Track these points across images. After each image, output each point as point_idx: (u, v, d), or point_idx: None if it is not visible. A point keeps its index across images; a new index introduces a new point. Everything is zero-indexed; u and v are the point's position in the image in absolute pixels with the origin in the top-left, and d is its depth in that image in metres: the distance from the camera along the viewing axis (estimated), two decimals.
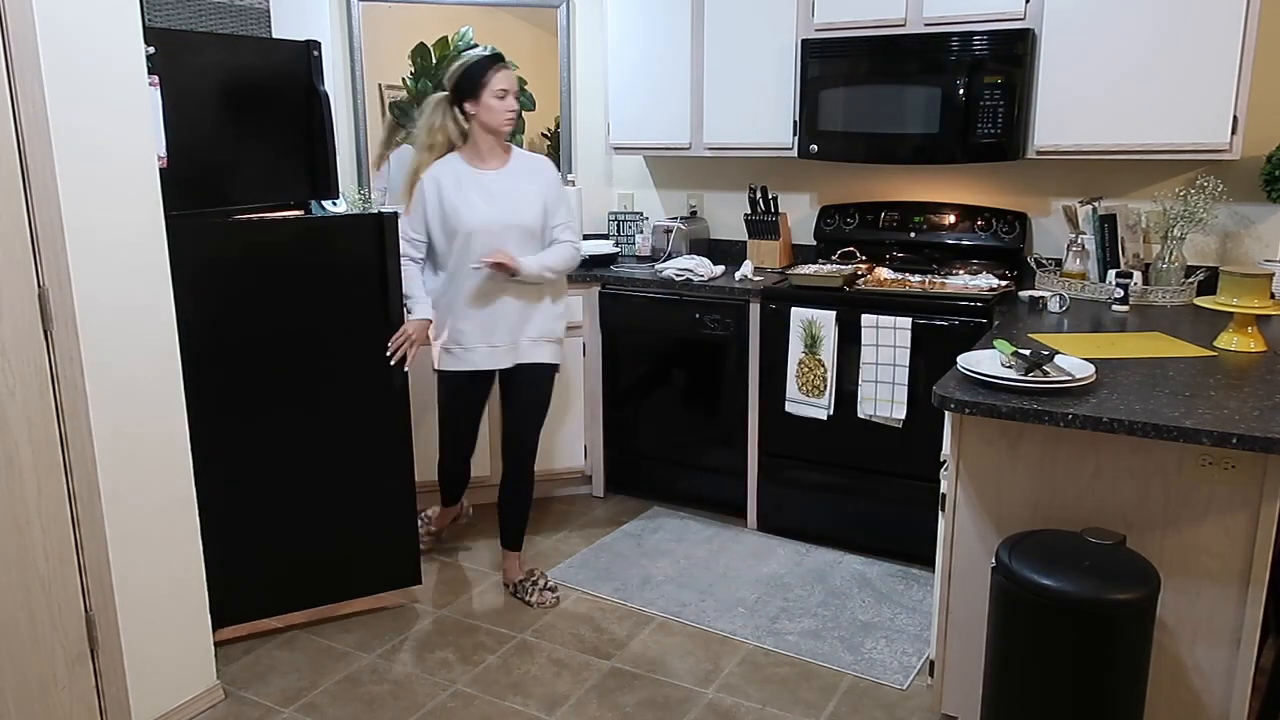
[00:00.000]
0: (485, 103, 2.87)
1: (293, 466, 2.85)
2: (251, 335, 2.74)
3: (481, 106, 2.88)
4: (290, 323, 2.78)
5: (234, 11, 3.23)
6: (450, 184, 2.92)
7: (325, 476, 2.90)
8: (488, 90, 2.87)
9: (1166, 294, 3.08)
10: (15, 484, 2.11)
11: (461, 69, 2.89)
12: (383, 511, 3.01)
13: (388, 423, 2.98)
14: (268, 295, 2.74)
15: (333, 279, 2.81)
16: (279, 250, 2.75)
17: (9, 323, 2.07)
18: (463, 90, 2.89)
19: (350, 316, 2.85)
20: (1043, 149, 3.18)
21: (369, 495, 2.97)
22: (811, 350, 3.34)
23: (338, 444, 2.90)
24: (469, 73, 2.88)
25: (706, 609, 3.08)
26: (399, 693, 2.65)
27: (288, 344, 2.79)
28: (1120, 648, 1.86)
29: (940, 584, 2.35)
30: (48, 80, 2.08)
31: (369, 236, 2.83)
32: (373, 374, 2.92)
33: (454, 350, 3.03)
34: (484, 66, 2.88)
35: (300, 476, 2.86)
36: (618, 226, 4.30)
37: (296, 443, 2.84)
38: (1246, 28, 2.83)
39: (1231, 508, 1.96)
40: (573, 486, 4.04)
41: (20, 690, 2.17)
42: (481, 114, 2.89)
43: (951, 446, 2.24)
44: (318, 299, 2.80)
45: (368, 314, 2.87)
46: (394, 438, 2.99)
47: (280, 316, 2.77)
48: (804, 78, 3.51)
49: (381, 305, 2.88)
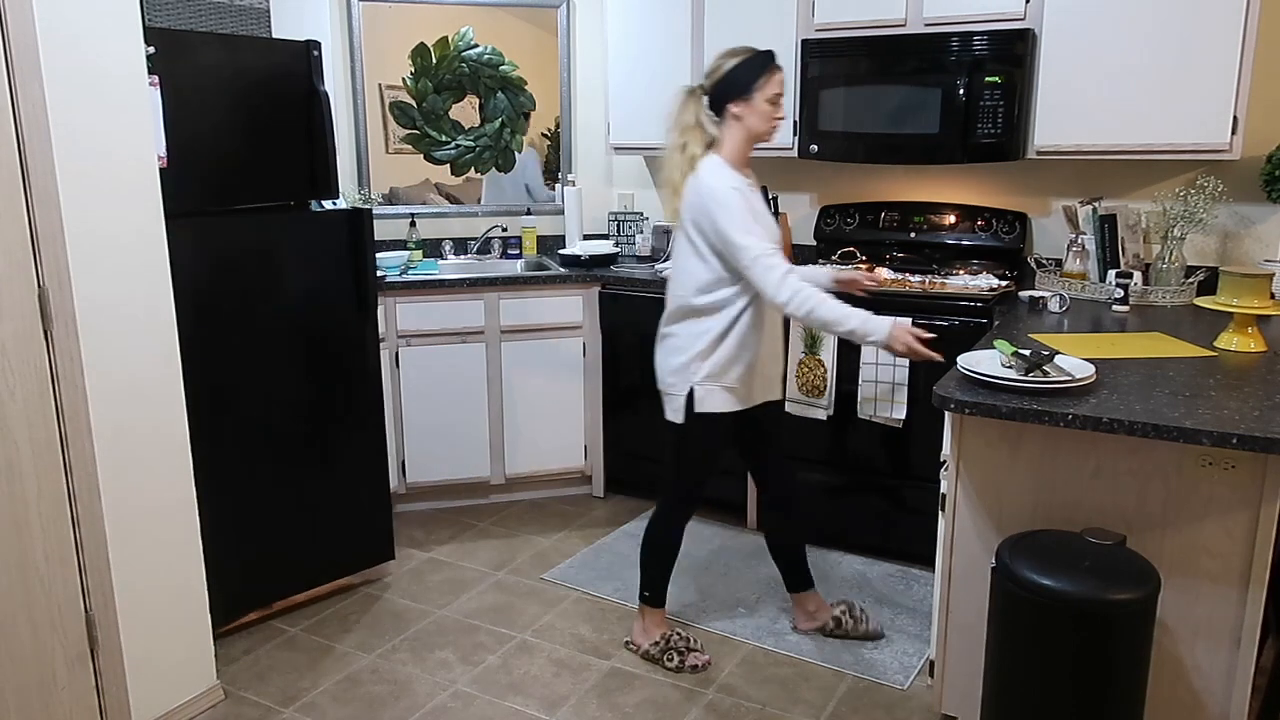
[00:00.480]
0: (758, 106, 2.49)
1: (274, 456, 2.93)
2: (239, 329, 2.80)
3: (752, 110, 2.49)
4: (277, 317, 2.88)
5: (234, 11, 3.23)
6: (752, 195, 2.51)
7: (305, 462, 3.01)
8: (762, 93, 2.49)
9: (1166, 294, 3.08)
10: (15, 484, 2.11)
11: (735, 64, 2.50)
12: (360, 491, 3.12)
13: (363, 405, 3.12)
14: (251, 290, 2.81)
15: (313, 271, 2.93)
16: (265, 245, 2.83)
17: (9, 323, 2.07)
18: (730, 88, 2.49)
19: (327, 305, 2.98)
20: (1043, 149, 3.18)
21: (347, 477, 3.09)
22: (811, 350, 3.34)
23: (316, 430, 3.01)
24: (744, 70, 2.49)
25: (706, 609, 3.08)
26: (399, 693, 2.65)
27: (272, 336, 2.88)
28: (1120, 648, 1.86)
29: (940, 584, 2.35)
30: (48, 80, 2.08)
31: (341, 231, 2.92)
32: (348, 358, 3.06)
33: (737, 390, 2.59)
34: (762, 65, 2.50)
35: (281, 464, 2.95)
36: (618, 226, 4.30)
37: (277, 432, 2.92)
38: (1246, 28, 2.83)
39: (1231, 508, 1.96)
40: (573, 486, 4.04)
41: (20, 690, 2.17)
42: (750, 118, 2.50)
43: (951, 446, 2.24)
44: (299, 290, 2.90)
45: (344, 302, 3.03)
46: (369, 420, 3.15)
47: (265, 311, 2.85)
48: (804, 78, 3.51)
49: (355, 294, 3.03)
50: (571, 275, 3.81)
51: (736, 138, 2.53)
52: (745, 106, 2.50)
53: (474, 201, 4.34)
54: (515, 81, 4.27)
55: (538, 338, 3.80)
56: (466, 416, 3.78)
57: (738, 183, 2.48)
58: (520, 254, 4.28)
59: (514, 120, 4.32)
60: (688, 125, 2.54)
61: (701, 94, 2.55)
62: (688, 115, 2.54)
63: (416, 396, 3.71)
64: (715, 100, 2.53)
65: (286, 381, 2.92)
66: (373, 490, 3.19)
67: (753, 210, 2.48)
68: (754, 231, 2.43)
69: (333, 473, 3.08)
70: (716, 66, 2.53)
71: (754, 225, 2.44)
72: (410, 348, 3.67)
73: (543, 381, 3.84)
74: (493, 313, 3.73)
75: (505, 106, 4.28)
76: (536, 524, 3.76)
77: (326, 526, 3.09)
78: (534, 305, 3.77)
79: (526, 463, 3.89)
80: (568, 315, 3.82)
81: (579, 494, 4.04)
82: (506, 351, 3.77)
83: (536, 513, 3.87)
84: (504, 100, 4.27)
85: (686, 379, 2.57)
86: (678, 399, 2.60)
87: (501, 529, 3.72)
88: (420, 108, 4.17)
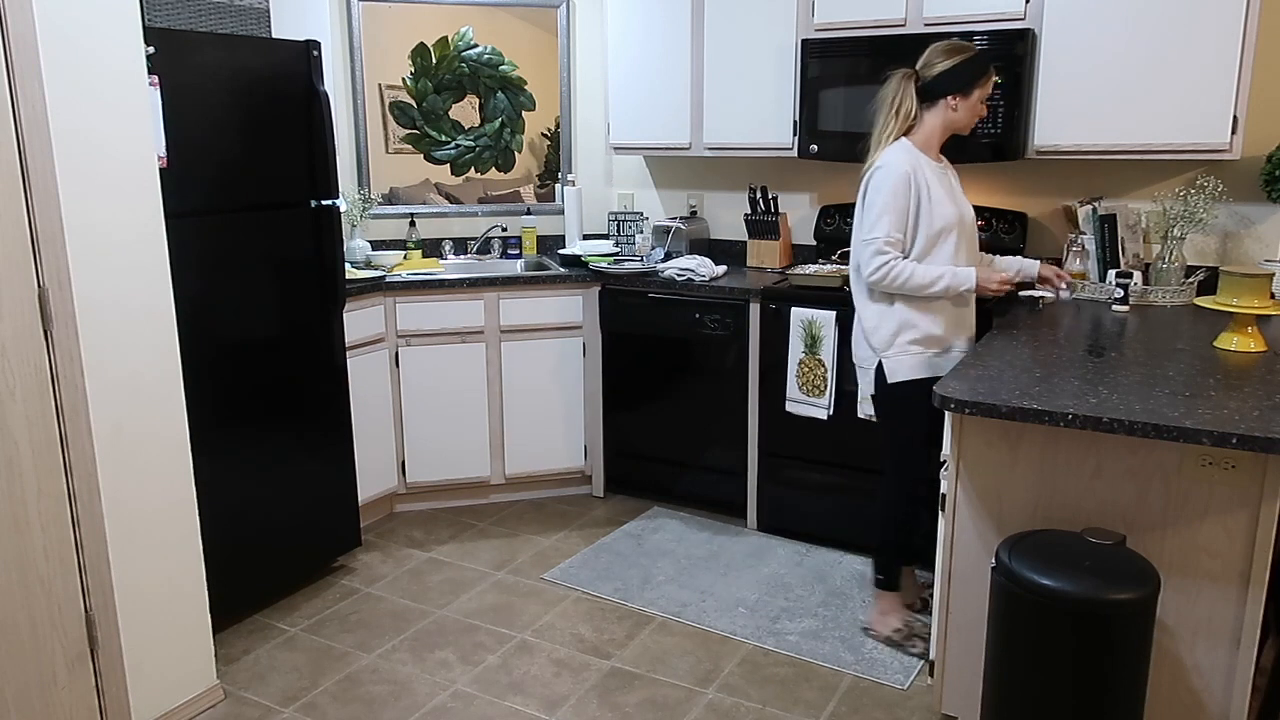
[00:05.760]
0: (973, 102, 2.64)
1: (253, 452, 2.97)
2: (225, 326, 2.84)
3: (967, 105, 2.64)
4: (260, 312, 2.92)
5: (234, 11, 3.23)
6: (934, 178, 2.64)
7: (280, 457, 3.06)
8: (980, 91, 2.64)
9: (1166, 294, 3.07)
10: (15, 484, 2.11)
11: (960, 61, 2.61)
12: (331, 480, 3.24)
13: (330, 395, 3.21)
14: (235, 289, 2.84)
15: (284, 267, 2.99)
16: (265, 245, 2.87)
17: (9, 323, 2.07)
18: (954, 81, 2.61)
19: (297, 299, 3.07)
20: (1043, 149, 3.18)
21: (319, 468, 3.19)
22: (812, 350, 3.34)
23: (290, 425, 3.07)
24: (972, 65, 2.62)
25: (706, 609, 3.08)
26: (399, 693, 2.65)
27: (251, 330, 2.92)
28: (1120, 648, 1.86)
29: (940, 584, 2.35)
30: (48, 80, 2.08)
31: (306, 228, 2.99)
32: (316, 350, 3.15)
33: (935, 356, 2.68)
34: (984, 65, 2.64)
35: (260, 460, 2.99)
36: (618, 226, 4.30)
37: (256, 427, 2.96)
38: (1246, 28, 2.83)
39: (1231, 508, 1.96)
40: (573, 486, 4.04)
41: (20, 690, 2.16)
42: (962, 111, 2.64)
43: (951, 446, 2.24)
44: (271, 287, 2.96)
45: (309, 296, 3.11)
46: (336, 411, 3.25)
47: (248, 308, 2.89)
48: (804, 78, 3.51)
49: (317, 289, 3.11)
50: (571, 275, 3.81)
51: (937, 125, 2.67)
52: (962, 100, 2.63)
53: (474, 201, 4.35)
54: (515, 81, 4.27)
55: (538, 338, 3.80)
56: (466, 416, 3.78)
57: (917, 164, 2.61)
58: (520, 254, 4.28)
59: (514, 120, 4.32)
60: (902, 111, 2.66)
61: (915, 81, 2.65)
62: (906, 102, 2.65)
63: (416, 396, 3.71)
64: (931, 90, 2.64)
65: (264, 373, 2.99)
66: (343, 478, 3.32)
67: (933, 193, 2.61)
68: (893, 223, 2.59)
69: (305, 464, 3.15)
70: (935, 60, 2.64)
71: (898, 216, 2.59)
72: (410, 348, 3.67)
73: (543, 381, 3.84)
74: (493, 313, 3.73)
75: (505, 106, 4.28)
76: (536, 524, 3.76)
77: (303, 516, 3.17)
78: (534, 305, 3.77)
79: (526, 463, 3.89)
80: (568, 315, 3.82)
81: (579, 494, 4.04)
82: (506, 351, 3.77)
83: (536, 513, 3.87)
84: (504, 100, 4.27)
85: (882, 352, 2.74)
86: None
87: (501, 529, 3.72)
88: (420, 108, 4.17)
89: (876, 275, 2.61)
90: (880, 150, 2.67)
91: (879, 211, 2.60)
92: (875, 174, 2.63)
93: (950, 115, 2.66)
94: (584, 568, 3.38)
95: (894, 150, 2.64)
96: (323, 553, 3.28)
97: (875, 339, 2.72)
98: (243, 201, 2.83)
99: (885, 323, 2.69)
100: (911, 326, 2.66)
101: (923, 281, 2.60)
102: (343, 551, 3.37)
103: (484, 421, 3.80)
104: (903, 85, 2.66)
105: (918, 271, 2.60)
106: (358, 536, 3.39)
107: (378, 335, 3.58)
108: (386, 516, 3.83)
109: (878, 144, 2.69)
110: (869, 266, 2.62)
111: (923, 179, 2.61)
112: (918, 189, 2.61)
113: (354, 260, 3.84)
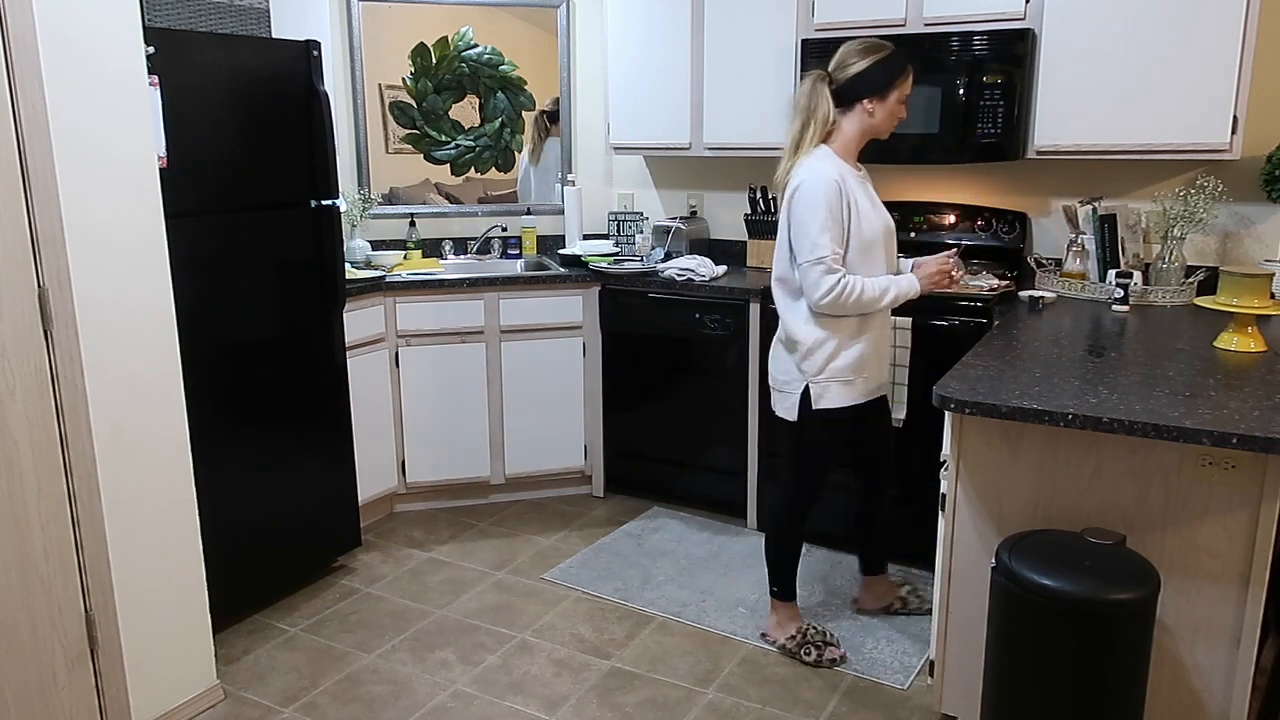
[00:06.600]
0: (890, 105, 2.52)
1: (253, 452, 2.97)
2: (225, 326, 2.85)
3: (884, 108, 2.52)
4: (261, 313, 2.93)
5: (234, 11, 3.23)
6: (857, 187, 2.54)
7: (280, 457, 3.06)
8: (898, 93, 2.52)
9: (1166, 294, 3.08)
10: (15, 484, 2.11)
11: (874, 62, 2.49)
12: (331, 480, 3.25)
13: (330, 395, 3.22)
14: (235, 289, 2.85)
15: (284, 267, 2.99)
16: (265, 244, 2.87)
17: (9, 323, 2.07)
18: (868, 85, 2.50)
19: (297, 300, 3.07)
20: (1043, 149, 3.18)
21: (319, 468, 3.20)
22: None
23: (290, 425, 3.07)
24: (886, 66, 2.50)
25: (706, 609, 3.08)
26: (399, 693, 2.65)
27: (253, 331, 2.93)
28: (1120, 648, 1.86)
29: (940, 584, 2.35)
30: (48, 80, 2.08)
31: (306, 228, 3.00)
32: (316, 350, 3.15)
33: (855, 381, 2.60)
34: (903, 65, 2.52)
35: (259, 460, 2.99)
36: (618, 226, 4.30)
37: (256, 427, 2.96)
38: (1246, 28, 2.83)
39: (1231, 508, 1.96)
40: (573, 486, 4.04)
41: (20, 690, 2.16)
42: (879, 115, 2.52)
43: (951, 446, 2.24)
44: (271, 287, 2.96)
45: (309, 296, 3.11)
46: (336, 411, 3.25)
47: (248, 308, 2.89)
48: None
49: (317, 289, 3.11)
50: (571, 275, 3.81)
51: (855, 131, 2.56)
52: (879, 103, 2.52)
53: (474, 201, 4.35)
54: (515, 81, 4.27)
55: (538, 337, 3.80)
56: (466, 416, 3.78)
57: (842, 173, 2.50)
58: (520, 254, 4.28)
59: (514, 120, 4.32)
60: (819, 115, 2.53)
61: (828, 84, 2.53)
62: (821, 105, 2.53)
63: (416, 396, 3.71)
64: (846, 94, 2.53)
65: (264, 373, 2.99)
66: (343, 478, 3.33)
67: (860, 203, 2.51)
68: (832, 236, 2.46)
69: (305, 464, 3.15)
70: (849, 62, 2.51)
71: (836, 228, 2.46)
72: (410, 348, 3.67)
73: (543, 381, 3.84)
74: (492, 313, 3.73)
75: (505, 106, 4.28)
76: (536, 524, 3.76)
77: (302, 516, 3.18)
78: (534, 305, 3.77)
79: (526, 463, 3.89)
80: (568, 315, 3.82)
81: (579, 494, 4.04)
82: (506, 351, 3.77)
83: (536, 513, 3.87)
84: (504, 100, 4.27)
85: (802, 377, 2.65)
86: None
87: (501, 529, 3.72)
88: (420, 108, 4.17)
89: (830, 297, 2.45)
90: (799, 157, 2.55)
91: (819, 228, 2.44)
92: (802, 187, 2.48)
93: (867, 120, 2.53)
94: (584, 568, 3.38)
95: (816, 159, 2.51)
96: (323, 553, 3.28)
97: (809, 363, 2.57)
98: (243, 201, 2.83)
99: (824, 347, 2.56)
100: (846, 351, 2.56)
101: (874, 295, 2.49)
102: (343, 551, 3.37)
103: (484, 421, 3.81)
104: (817, 88, 2.53)
105: (867, 286, 2.48)
106: (358, 536, 3.39)
107: (378, 335, 3.58)
108: (386, 516, 3.83)
109: (796, 150, 2.56)
110: (820, 288, 2.46)
111: (849, 189, 2.50)
112: (847, 199, 2.48)
113: (354, 260, 3.84)
